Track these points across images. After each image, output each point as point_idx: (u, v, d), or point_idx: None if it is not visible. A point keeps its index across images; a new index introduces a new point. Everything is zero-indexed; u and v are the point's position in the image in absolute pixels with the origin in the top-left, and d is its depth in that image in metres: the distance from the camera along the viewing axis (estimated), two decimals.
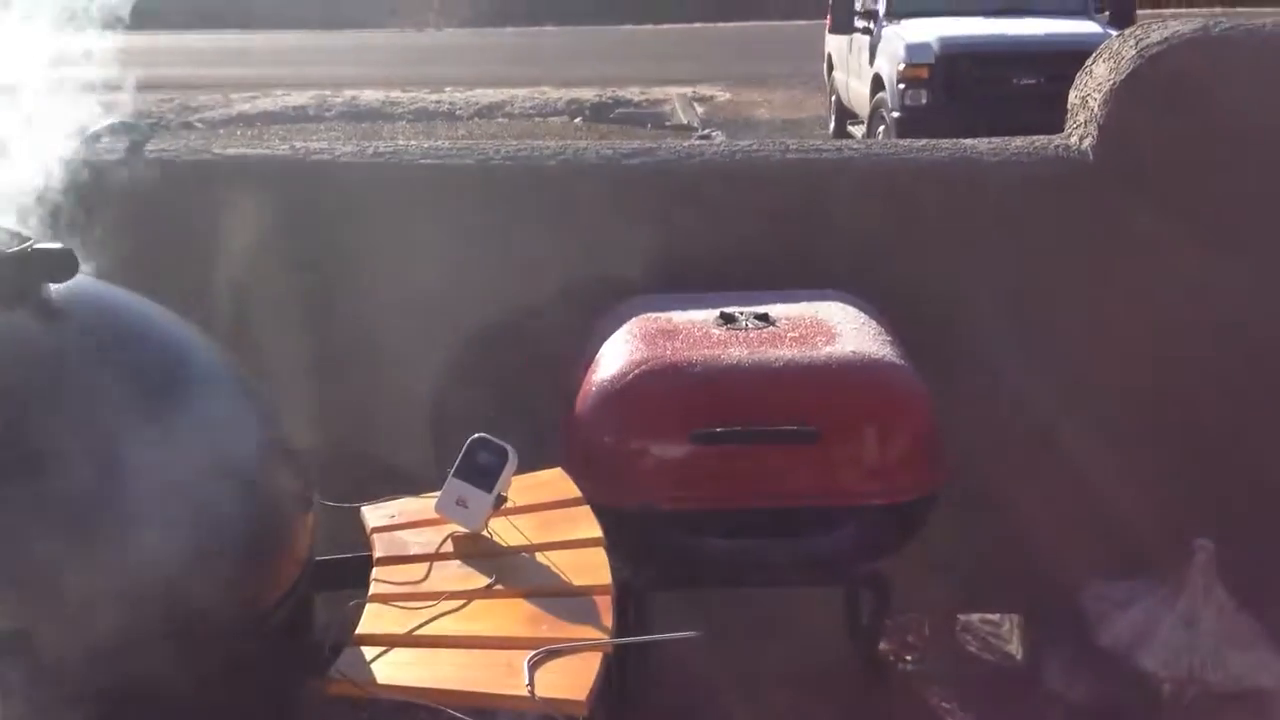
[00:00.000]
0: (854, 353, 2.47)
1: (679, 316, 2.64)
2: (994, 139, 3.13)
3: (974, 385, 2.93)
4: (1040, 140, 3.13)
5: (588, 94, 14.92)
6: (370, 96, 15.07)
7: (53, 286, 1.68)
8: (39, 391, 1.57)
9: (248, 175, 3.03)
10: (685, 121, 13.62)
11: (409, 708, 1.73)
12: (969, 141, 3.11)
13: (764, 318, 2.61)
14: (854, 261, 2.93)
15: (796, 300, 2.71)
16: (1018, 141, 3.12)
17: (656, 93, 15.37)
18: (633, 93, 15.28)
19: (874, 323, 2.62)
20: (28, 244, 1.65)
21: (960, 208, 3.02)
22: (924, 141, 3.18)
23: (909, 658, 3.33)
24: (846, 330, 2.56)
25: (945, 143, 3.11)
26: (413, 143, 3.22)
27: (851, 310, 2.66)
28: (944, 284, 2.97)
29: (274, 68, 17.03)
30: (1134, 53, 2.98)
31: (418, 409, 3.03)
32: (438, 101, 15.00)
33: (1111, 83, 2.99)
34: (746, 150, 3.15)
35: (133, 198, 2.62)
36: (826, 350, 2.47)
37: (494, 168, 3.04)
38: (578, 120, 13.83)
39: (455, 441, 2.17)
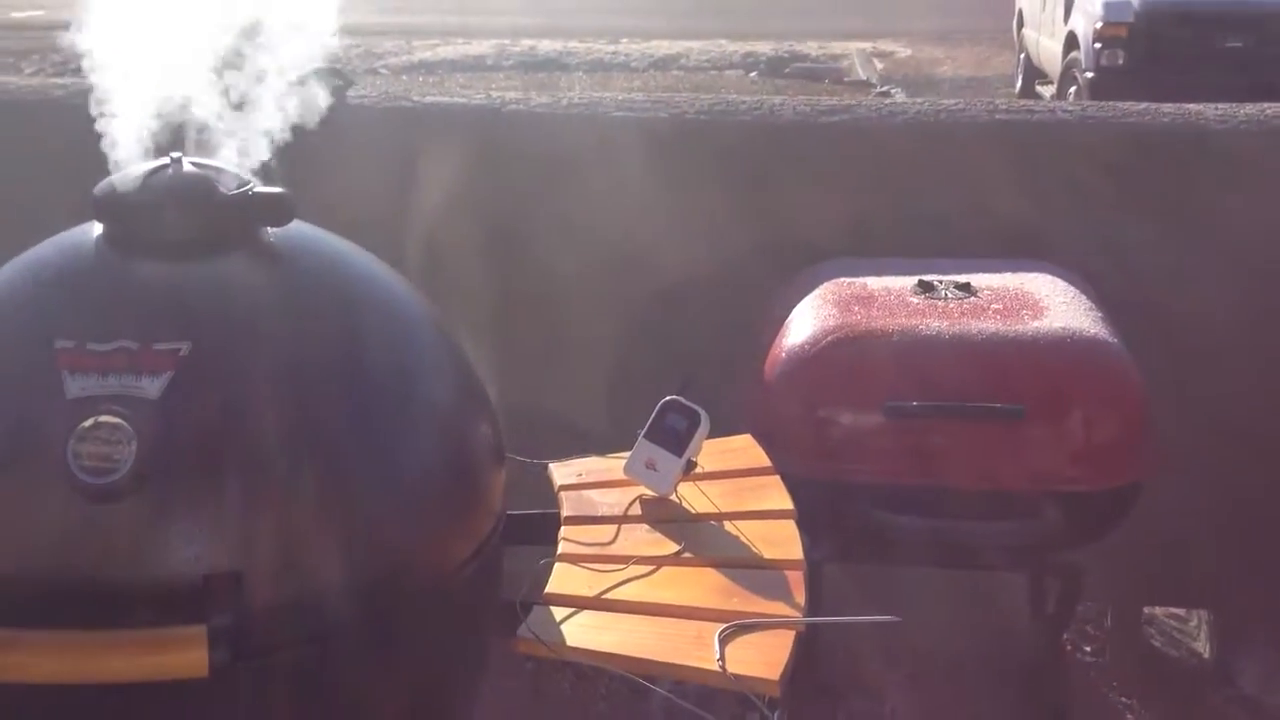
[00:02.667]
0: (1063, 329, 2.33)
1: (874, 283, 2.55)
2: (1221, 104, 2.92)
3: (1186, 369, 2.76)
4: (1273, 107, 2.90)
5: (764, 48, 14.67)
6: (548, 47, 15.14)
7: (270, 230, 1.69)
8: (255, 335, 1.58)
9: (446, 123, 3.04)
10: (864, 78, 13.28)
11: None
12: (1194, 107, 2.91)
13: (965, 287, 2.49)
14: (1063, 231, 2.78)
15: (1000, 270, 2.57)
16: (1247, 108, 2.91)
17: (835, 48, 15.01)
18: (810, 47, 14.96)
19: (1084, 297, 2.48)
20: (247, 188, 1.67)
21: (1182, 177, 2.82)
22: (1144, 105, 2.99)
23: (1088, 649, 3.19)
24: (1055, 304, 2.42)
25: (1168, 107, 2.92)
26: (607, 94, 3.18)
27: (1060, 283, 2.52)
28: (1160, 258, 2.80)
29: (457, 15, 17.25)
30: None
31: (598, 366, 3.01)
32: (614, 53, 14.98)
33: None
34: (951, 109, 3.01)
35: (335, 144, 2.65)
36: (1034, 325, 2.34)
37: (687, 121, 2.98)
38: (753, 74, 13.61)
39: (634, 402, 2.14)
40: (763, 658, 1.60)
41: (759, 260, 2.86)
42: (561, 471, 2.13)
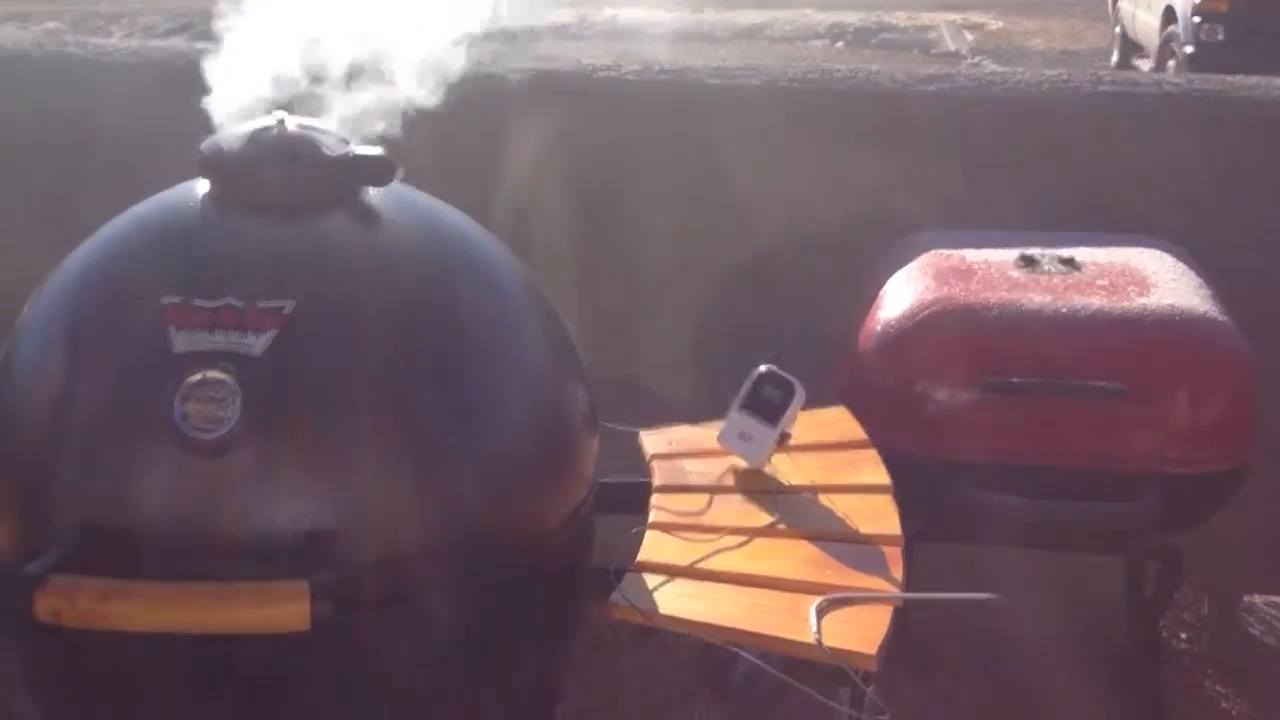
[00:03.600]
0: (1171, 306, 2.26)
1: (973, 255, 2.48)
2: None
3: None
4: None
5: (851, 18, 14.45)
6: (630, 16, 15.06)
7: (371, 190, 1.69)
8: (357, 295, 1.58)
9: (537, 89, 3.02)
10: (953, 49, 13.03)
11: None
12: None
13: (1069, 262, 2.42)
14: (1170, 206, 2.70)
15: (1105, 244, 2.50)
16: None
17: (923, 19, 14.74)
18: (898, 18, 14.70)
19: (1192, 274, 2.40)
20: (349, 148, 1.67)
21: None
22: (1255, 79, 2.89)
23: (1183, 636, 3.11)
24: (1162, 280, 2.35)
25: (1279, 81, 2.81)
26: (699, 63, 3.15)
27: (1168, 259, 2.44)
28: (1271, 235, 2.70)
29: None
30: None
31: (684, 335, 2.99)
32: (697, 23, 14.85)
33: None
34: (1054, 80, 2.93)
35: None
36: (1140, 302, 2.27)
37: (781, 90, 2.94)
38: (839, 45, 13.43)
39: (720, 371, 2.11)
40: (860, 632, 1.58)
41: (851, 230, 2.81)
42: (652, 440, 2.12)
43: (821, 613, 1.62)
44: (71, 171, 2.85)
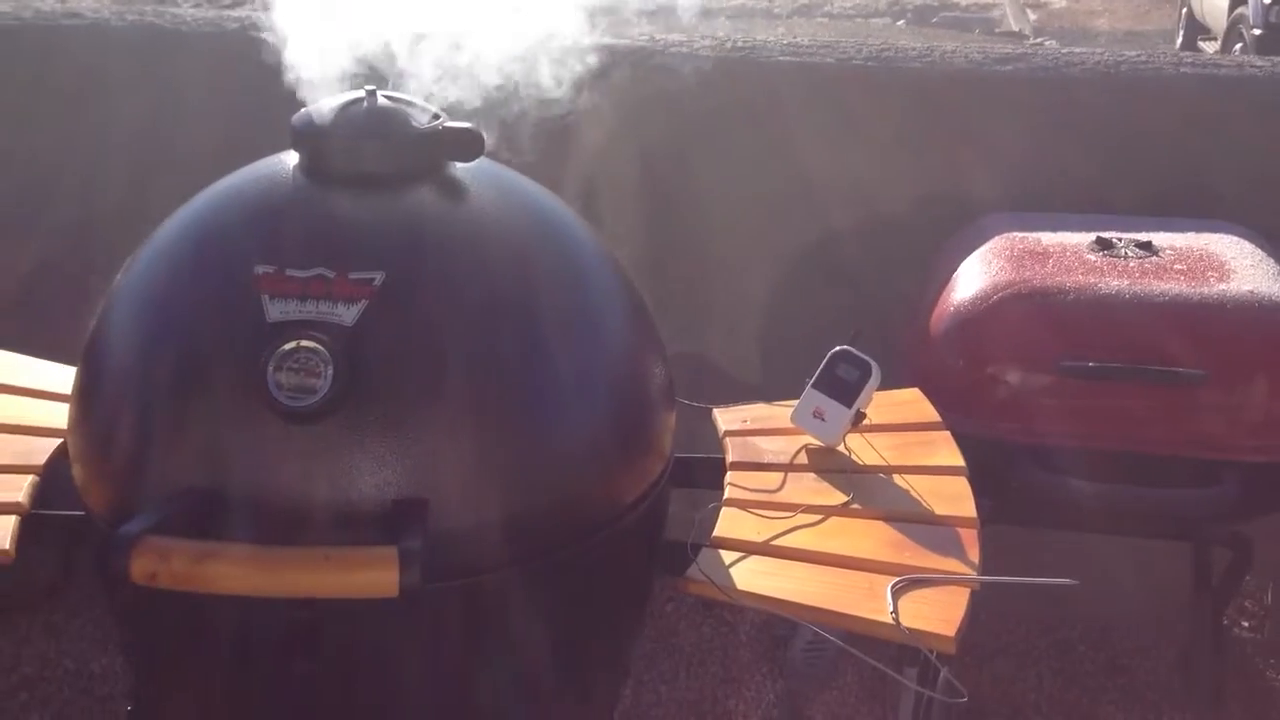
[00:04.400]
0: (1251, 292, 2.23)
1: (1048, 238, 2.47)
2: None
3: None
4: None
5: None
6: None
7: (458, 164, 1.71)
8: (445, 267, 1.60)
9: (609, 64, 3.02)
10: (1016, 28, 12.83)
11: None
12: None
13: (1146, 246, 2.40)
14: (1249, 190, 2.66)
15: (1183, 229, 2.48)
16: None
17: None
18: None
19: (1271, 259, 2.37)
20: (439, 121, 1.68)
21: None
22: None
23: (1246, 624, 3.08)
24: (1241, 266, 2.32)
25: None
26: (771, 39, 3.13)
27: (1246, 244, 2.41)
28: None
29: None
30: None
31: (752, 313, 2.99)
32: None
33: None
34: (1133, 61, 2.89)
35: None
36: (1219, 287, 2.25)
37: (855, 67, 2.92)
38: (900, 23, 13.28)
39: (788, 350, 2.11)
40: (938, 614, 1.58)
41: (923, 211, 2.80)
42: (726, 417, 2.12)
43: (898, 593, 1.62)
44: (158, 140, 2.89)
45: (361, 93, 1.70)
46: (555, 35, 3.24)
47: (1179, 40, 11.51)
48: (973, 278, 2.37)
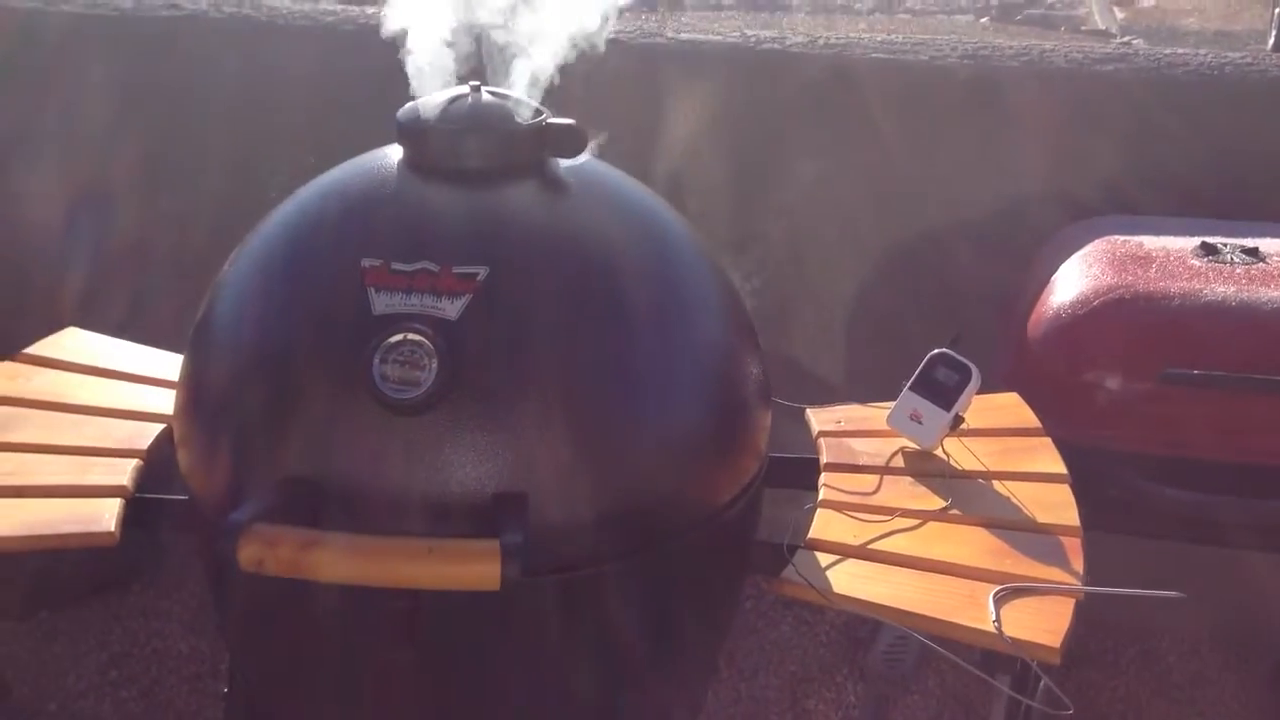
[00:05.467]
0: None
1: (1150, 242, 2.41)
2: None
3: None
4: None
5: None
6: None
7: (561, 161, 1.71)
8: (547, 263, 1.60)
9: (698, 60, 3.01)
10: (1103, 27, 12.59)
11: None
12: None
13: (1253, 252, 2.34)
14: None
15: None
16: None
17: None
18: None
19: None
20: (543, 118, 1.68)
21: None
22: None
23: None
24: None
25: None
26: (864, 35, 3.10)
27: None
28: None
29: None
30: None
31: (840, 314, 2.96)
32: None
33: None
34: (1237, 63, 2.81)
35: (587, 80, 2.65)
36: None
37: (949, 67, 2.88)
38: (984, 20, 13.09)
39: (877, 352, 2.07)
40: (1043, 624, 1.55)
41: (1017, 212, 2.76)
42: (820, 417, 2.10)
43: (1000, 602, 1.60)
44: (258, 131, 2.94)
45: (466, 88, 1.71)
46: (645, 32, 3.25)
47: (1271, 40, 11.20)
48: (1073, 281, 2.33)
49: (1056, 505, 1.81)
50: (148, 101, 3.05)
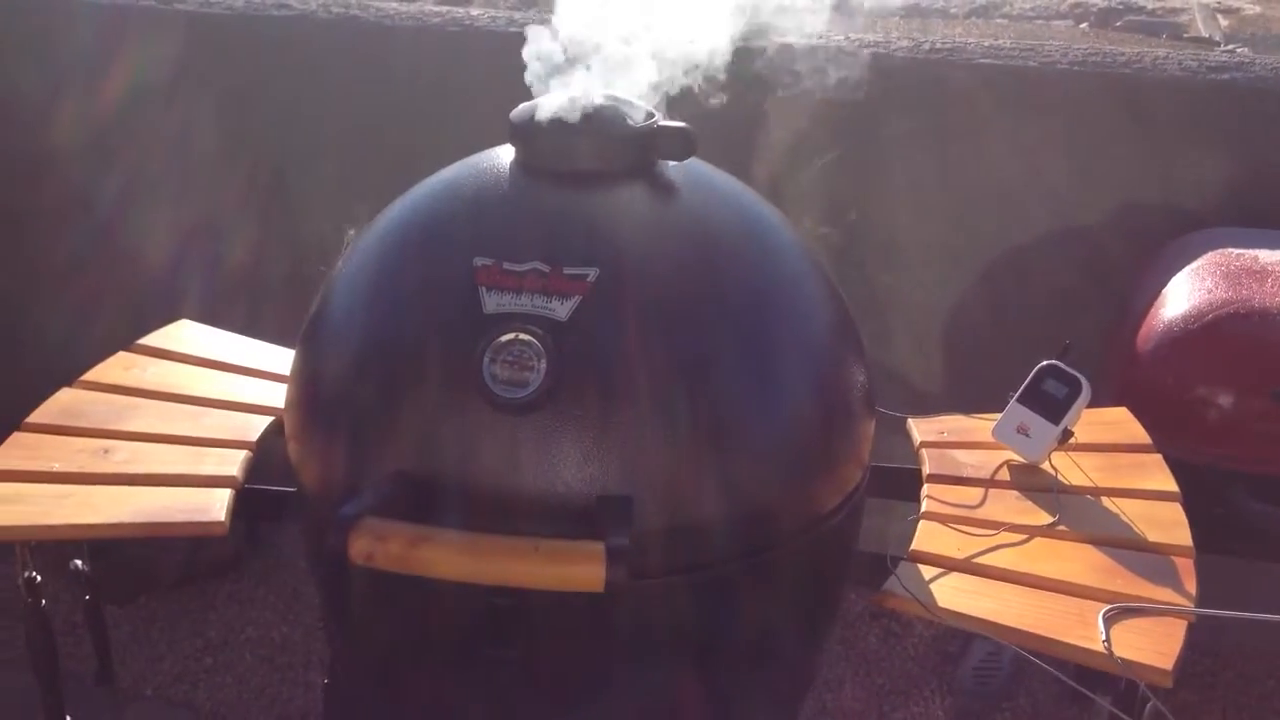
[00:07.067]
0: None
1: (1266, 256, 2.35)
2: None
3: None
4: None
5: None
6: None
7: (670, 163, 1.71)
8: (657, 267, 1.60)
9: (793, 64, 2.99)
10: (1205, 34, 12.28)
11: None
12: None
13: None
14: None
15: None
16: None
17: (1173, 0, 13.96)
18: None
19: None
20: (653, 121, 1.68)
21: None
22: None
23: None
24: None
25: None
26: (971, 40, 3.06)
27: None
28: None
29: None
30: None
31: (935, 324, 2.92)
32: None
33: None
34: None
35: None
36: None
37: (1059, 72, 2.82)
38: (1084, 25, 12.85)
39: (972, 363, 2.03)
40: (1153, 645, 1.52)
41: (1126, 223, 2.70)
42: (923, 428, 2.08)
43: (1110, 621, 1.56)
44: (368, 131, 2.98)
45: (578, 90, 1.72)
46: (747, 34, 3.22)
47: None
48: (1185, 295, 2.27)
49: (1167, 524, 1.76)
50: (260, 98, 3.11)
